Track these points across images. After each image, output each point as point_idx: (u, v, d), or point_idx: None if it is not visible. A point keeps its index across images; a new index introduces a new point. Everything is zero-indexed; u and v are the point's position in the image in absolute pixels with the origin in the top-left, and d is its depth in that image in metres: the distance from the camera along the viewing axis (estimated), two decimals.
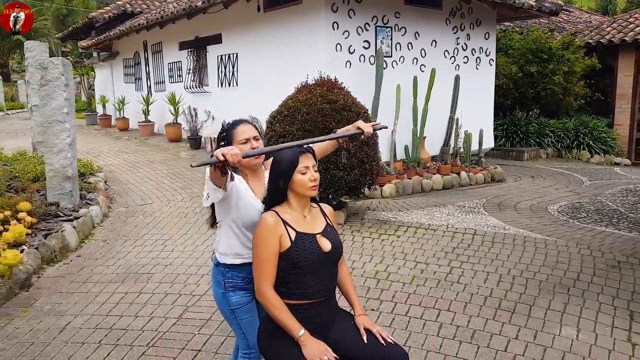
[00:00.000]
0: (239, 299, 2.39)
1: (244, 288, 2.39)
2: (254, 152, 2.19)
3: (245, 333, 2.43)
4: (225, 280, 2.39)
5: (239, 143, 2.35)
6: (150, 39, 12.83)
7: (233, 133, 2.37)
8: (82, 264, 4.85)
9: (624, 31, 11.98)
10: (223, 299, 2.41)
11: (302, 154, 2.17)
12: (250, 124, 2.43)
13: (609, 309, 3.86)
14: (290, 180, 2.16)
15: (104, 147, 11.08)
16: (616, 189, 8.31)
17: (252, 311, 2.43)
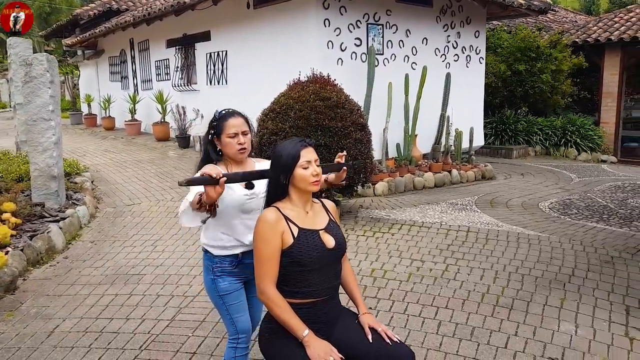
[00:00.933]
0: (228, 286, 2.42)
1: (232, 272, 2.43)
2: (235, 178, 2.23)
3: (234, 319, 2.45)
4: (213, 265, 2.43)
5: (227, 136, 2.37)
6: (136, 36, 12.65)
7: (223, 125, 2.38)
8: (69, 265, 4.72)
9: (609, 30, 12.10)
10: (212, 284, 2.44)
11: (304, 148, 2.10)
12: (241, 117, 2.44)
13: (605, 304, 3.85)
14: (291, 175, 2.09)
15: (89, 146, 10.89)
16: (605, 186, 8.36)
17: (241, 297, 2.47)
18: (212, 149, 2.44)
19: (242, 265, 2.44)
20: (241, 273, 2.46)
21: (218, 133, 2.40)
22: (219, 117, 2.43)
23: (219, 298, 2.44)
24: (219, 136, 2.39)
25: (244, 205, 2.38)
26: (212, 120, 2.43)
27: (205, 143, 2.45)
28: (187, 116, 10.32)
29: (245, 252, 2.43)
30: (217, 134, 2.40)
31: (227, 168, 2.41)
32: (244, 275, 2.47)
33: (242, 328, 2.47)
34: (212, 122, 2.43)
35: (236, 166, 2.45)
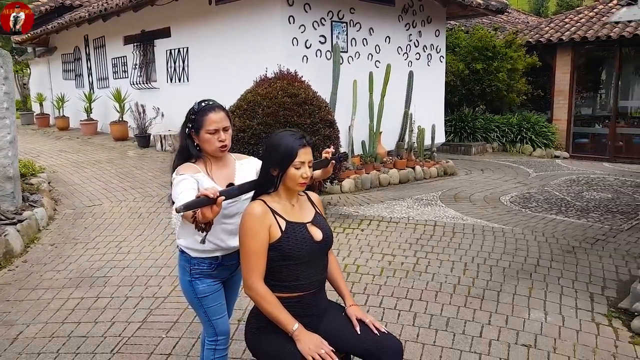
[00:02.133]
0: (206, 288, 2.32)
1: (211, 275, 2.33)
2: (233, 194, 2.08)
3: (212, 321, 2.37)
4: (191, 267, 2.32)
5: (207, 132, 2.22)
6: (92, 33, 12.24)
7: (202, 120, 2.22)
8: (29, 269, 4.52)
9: (560, 31, 12.56)
10: (189, 287, 2.34)
11: (302, 148, 2.03)
12: (223, 112, 2.27)
13: (571, 292, 4.00)
14: (284, 173, 2.04)
15: (43, 147, 10.45)
16: (560, 180, 8.67)
17: (219, 299, 2.38)
18: (191, 144, 2.28)
19: (221, 267, 2.34)
20: (220, 274, 2.37)
21: (197, 128, 2.23)
22: (198, 110, 2.24)
23: (197, 300, 2.34)
24: (198, 131, 2.23)
25: (225, 210, 2.23)
26: (190, 112, 2.26)
27: (184, 138, 2.28)
28: (146, 115, 10.05)
29: (225, 255, 2.33)
30: (195, 129, 2.23)
31: (205, 165, 2.27)
32: (221, 277, 2.39)
33: (221, 330, 2.40)
34: (191, 115, 2.25)
35: (215, 163, 2.31)
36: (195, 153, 2.28)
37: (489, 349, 3.20)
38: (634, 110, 12.69)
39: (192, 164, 2.25)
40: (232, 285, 2.55)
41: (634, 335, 3.37)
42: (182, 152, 2.30)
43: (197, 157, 2.29)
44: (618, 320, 3.57)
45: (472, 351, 3.17)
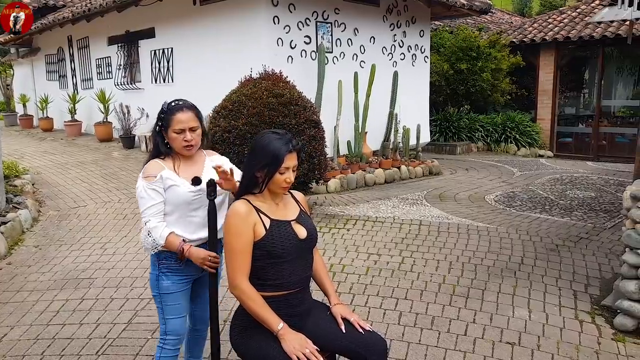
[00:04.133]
0: (170, 285, 2.38)
1: (178, 270, 2.38)
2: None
3: (166, 319, 2.42)
4: (159, 261, 2.38)
5: (174, 132, 2.32)
6: (75, 33, 12.11)
7: (170, 119, 2.32)
8: (13, 271, 4.47)
9: (544, 31, 12.69)
10: (155, 280, 2.41)
11: (289, 153, 2.03)
12: (191, 111, 2.36)
13: (555, 290, 4.05)
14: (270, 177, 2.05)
15: (27, 148, 10.32)
16: (544, 179, 8.78)
17: (181, 300, 2.43)
18: (161, 141, 2.40)
19: (189, 262, 2.37)
20: (187, 272, 2.42)
21: (165, 127, 2.35)
22: (166, 109, 2.35)
23: (158, 295, 2.42)
24: (166, 130, 2.35)
25: (190, 203, 2.35)
26: (160, 111, 2.37)
27: (155, 135, 2.41)
28: (131, 116, 9.98)
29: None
30: (164, 127, 2.35)
31: (173, 162, 2.38)
32: (191, 275, 2.44)
33: (170, 329, 2.43)
34: (160, 114, 2.37)
35: (184, 160, 2.41)
36: (164, 150, 2.39)
37: (473, 347, 3.23)
38: (617, 109, 12.89)
39: (159, 162, 2.37)
40: (204, 283, 2.52)
41: (617, 332, 3.44)
42: (154, 149, 2.43)
43: (167, 154, 2.40)
44: (601, 317, 3.63)
45: (457, 349, 3.20)
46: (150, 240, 2.31)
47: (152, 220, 2.31)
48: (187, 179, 2.33)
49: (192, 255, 2.28)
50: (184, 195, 2.32)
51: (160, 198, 2.32)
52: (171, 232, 2.32)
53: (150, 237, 2.30)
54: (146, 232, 2.32)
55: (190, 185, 2.32)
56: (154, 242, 2.31)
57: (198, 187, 2.33)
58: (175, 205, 2.34)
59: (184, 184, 2.33)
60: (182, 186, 2.32)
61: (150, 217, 2.31)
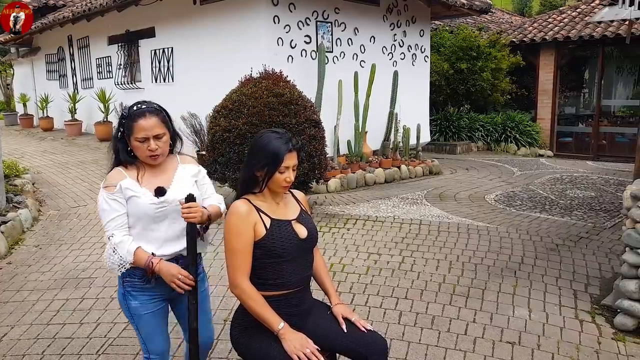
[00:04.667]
0: (138, 306, 2.16)
1: (144, 289, 2.16)
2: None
3: (145, 340, 2.22)
4: (123, 279, 2.17)
5: (136, 140, 2.07)
6: (75, 33, 12.11)
7: (131, 127, 2.07)
8: (13, 271, 4.48)
9: (544, 30, 12.69)
10: (123, 300, 2.20)
11: (289, 152, 2.02)
12: (155, 117, 2.10)
13: (555, 289, 4.05)
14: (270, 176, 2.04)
15: (27, 148, 10.33)
16: (544, 178, 8.78)
17: (155, 319, 2.21)
18: (123, 148, 2.14)
19: (159, 280, 2.13)
20: (157, 290, 2.18)
21: (127, 134, 2.10)
22: (127, 115, 2.10)
23: (130, 317, 2.21)
24: (129, 137, 2.10)
25: (153, 216, 2.12)
26: (120, 116, 2.13)
27: (115, 142, 2.15)
28: None
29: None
30: (126, 135, 2.10)
31: (138, 171, 2.15)
32: (161, 293, 2.21)
33: (153, 349, 2.23)
34: (122, 120, 2.11)
35: (151, 169, 2.18)
36: (124, 158, 2.15)
37: (473, 346, 3.23)
38: (617, 109, 12.89)
39: (122, 170, 2.14)
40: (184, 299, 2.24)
41: (617, 331, 3.44)
42: (115, 157, 2.18)
43: (129, 162, 2.16)
44: (601, 316, 3.63)
45: (457, 349, 3.20)
46: (116, 257, 2.08)
47: (116, 235, 2.08)
48: (150, 190, 2.11)
49: (162, 271, 2.07)
50: (145, 208, 2.09)
51: (123, 209, 2.10)
52: (138, 246, 2.10)
53: (116, 255, 2.07)
54: (111, 249, 2.09)
55: (152, 196, 2.10)
56: (120, 260, 2.08)
57: (161, 199, 2.10)
58: (137, 217, 2.12)
59: (145, 194, 2.10)
60: (143, 197, 2.10)
61: (113, 230, 2.09)
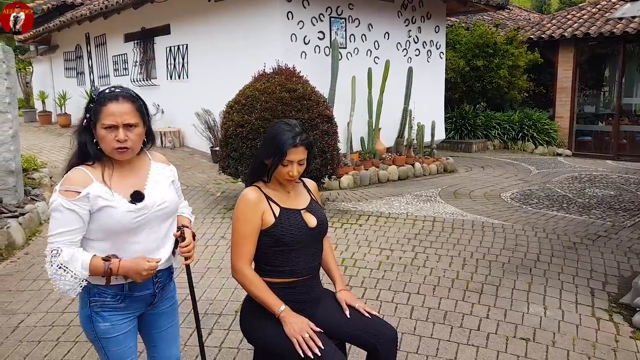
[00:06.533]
0: (109, 328, 1.83)
1: (116, 308, 1.84)
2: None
3: None
4: (90, 298, 1.83)
5: (102, 127, 1.73)
6: (93, 30, 12.26)
7: (99, 111, 1.74)
8: (31, 261, 4.54)
9: (563, 27, 12.52)
10: (88, 323, 1.85)
11: (292, 147, 1.99)
12: (128, 102, 1.77)
13: (571, 287, 3.98)
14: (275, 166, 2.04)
15: (45, 143, 10.48)
16: (562, 177, 8.65)
17: (127, 341, 1.89)
18: (90, 140, 1.78)
19: (129, 298, 1.87)
20: (130, 308, 1.89)
21: (94, 121, 1.75)
22: (96, 98, 1.77)
23: (96, 340, 1.86)
24: (95, 125, 1.75)
25: (131, 227, 1.79)
26: (88, 101, 1.80)
27: (81, 133, 1.80)
28: None
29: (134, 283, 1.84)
30: (93, 122, 1.76)
31: (103, 170, 1.80)
32: (133, 311, 1.91)
33: None
34: (89, 104, 1.78)
35: (120, 167, 1.83)
36: (94, 153, 1.79)
37: (486, 342, 3.19)
38: (638, 107, 12.65)
39: (85, 171, 1.77)
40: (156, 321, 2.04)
41: (635, 330, 3.36)
42: (79, 151, 1.81)
43: (96, 158, 1.80)
44: (619, 315, 3.55)
45: (469, 344, 3.16)
46: (68, 277, 1.71)
47: (63, 252, 1.71)
48: (123, 195, 1.78)
49: (128, 272, 1.76)
50: (121, 218, 1.76)
51: (79, 224, 1.73)
52: (93, 255, 1.76)
53: (67, 273, 1.70)
54: (56, 267, 1.71)
55: (128, 202, 1.78)
56: (74, 278, 1.71)
57: (140, 205, 1.80)
58: (109, 231, 1.78)
59: (120, 202, 1.76)
60: (119, 207, 1.76)
61: (60, 245, 1.72)
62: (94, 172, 1.78)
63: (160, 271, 1.93)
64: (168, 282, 2.03)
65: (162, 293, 2.01)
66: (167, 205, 1.89)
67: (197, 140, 8.93)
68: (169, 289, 2.06)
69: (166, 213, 1.91)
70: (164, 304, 2.04)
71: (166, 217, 1.92)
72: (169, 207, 1.91)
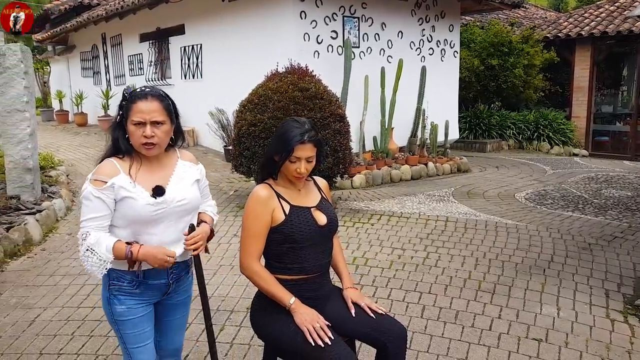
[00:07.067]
0: (124, 311, 1.97)
1: (132, 293, 1.97)
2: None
3: (129, 349, 2.01)
4: (110, 281, 1.97)
5: (132, 123, 1.88)
6: (109, 31, 12.41)
7: (129, 108, 1.89)
8: (47, 257, 4.62)
9: (580, 25, 12.36)
10: (107, 305, 2.00)
11: (300, 144, 2.00)
12: (157, 101, 1.90)
13: (585, 288, 3.94)
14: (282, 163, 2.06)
15: (62, 142, 10.64)
16: (578, 177, 8.55)
17: (141, 325, 2.01)
18: (122, 136, 1.93)
19: (144, 285, 1.99)
20: (145, 295, 2.01)
21: (125, 117, 1.91)
22: (128, 96, 1.92)
23: (113, 322, 2.01)
24: (126, 121, 1.90)
25: (149, 219, 1.91)
26: (122, 99, 1.95)
27: (114, 128, 1.95)
28: None
29: (150, 270, 1.97)
30: (125, 118, 1.91)
31: (131, 164, 1.93)
32: (148, 298, 2.03)
33: None
34: (122, 102, 1.93)
35: (148, 162, 1.96)
36: (125, 147, 1.93)
37: (498, 342, 3.18)
38: None
39: (115, 162, 1.92)
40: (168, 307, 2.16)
41: None
42: (112, 145, 1.97)
43: (127, 152, 1.94)
44: (634, 317, 3.51)
45: (480, 344, 3.15)
46: (95, 259, 1.85)
47: (91, 235, 1.85)
48: (145, 188, 1.91)
49: (146, 256, 1.87)
50: (140, 210, 1.89)
51: (106, 211, 1.88)
52: (117, 240, 1.89)
53: (94, 255, 1.84)
54: (86, 249, 1.86)
55: (149, 196, 1.90)
56: (99, 260, 1.85)
57: (160, 199, 1.91)
58: (129, 220, 1.91)
59: (141, 195, 1.89)
60: (139, 199, 1.89)
61: (89, 229, 1.87)
62: (122, 165, 1.92)
63: (176, 264, 2.02)
64: (184, 275, 2.13)
65: (177, 285, 2.12)
66: (186, 202, 2.00)
67: (210, 139, 9.00)
68: (185, 282, 2.17)
69: (185, 209, 2.01)
70: (179, 295, 2.16)
71: (185, 213, 2.02)
72: (188, 204, 2.01)
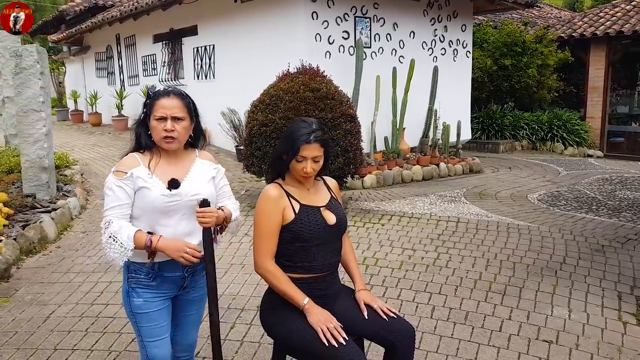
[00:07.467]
0: (142, 304, 2.05)
1: (149, 286, 2.05)
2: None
3: (145, 342, 2.08)
4: (129, 275, 2.07)
5: (154, 119, 2.01)
6: (123, 31, 12.54)
7: (153, 105, 2.01)
8: (62, 254, 4.70)
9: (595, 25, 12.23)
10: (126, 297, 2.09)
11: (305, 144, 2.03)
12: (177, 99, 2.03)
13: (598, 290, 3.91)
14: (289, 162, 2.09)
15: (77, 141, 10.79)
16: (592, 179, 8.47)
17: (158, 319, 2.08)
18: (144, 132, 2.07)
19: (161, 278, 2.07)
20: (162, 288, 2.08)
21: (149, 114, 2.04)
22: (152, 95, 2.05)
23: (131, 314, 2.09)
24: (149, 118, 2.04)
25: (163, 210, 2.00)
26: (146, 97, 2.09)
27: (138, 125, 2.09)
28: None
29: (165, 263, 2.04)
30: (148, 115, 2.05)
31: (151, 158, 2.06)
32: (165, 292, 2.10)
33: (153, 355, 2.08)
34: (146, 100, 2.07)
35: (167, 157, 2.08)
36: (145, 142, 2.06)
37: (508, 343, 3.17)
38: None
39: (136, 156, 2.05)
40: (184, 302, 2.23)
41: None
42: (135, 141, 2.11)
43: (148, 147, 2.08)
44: None
45: (490, 345, 3.15)
46: (116, 246, 1.91)
47: (114, 223, 1.94)
48: (162, 180, 2.01)
49: (165, 248, 1.94)
50: (155, 201, 1.98)
51: (127, 199, 1.99)
52: (138, 229, 1.96)
53: (116, 243, 1.91)
54: (108, 237, 1.94)
55: (165, 188, 2.00)
56: (121, 248, 1.91)
57: (174, 192, 2.00)
58: (144, 210, 2.01)
59: (156, 186, 1.99)
60: (154, 189, 1.99)
61: (112, 217, 1.96)
62: (143, 158, 2.05)
63: None
64: (199, 269, 2.16)
65: (193, 279, 2.18)
66: (200, 197, 2.06)
67: (222, 139, 9.06)
68: (202, 278, 2.19)
69: None
70: (196, 291, 2.22)
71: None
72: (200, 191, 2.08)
